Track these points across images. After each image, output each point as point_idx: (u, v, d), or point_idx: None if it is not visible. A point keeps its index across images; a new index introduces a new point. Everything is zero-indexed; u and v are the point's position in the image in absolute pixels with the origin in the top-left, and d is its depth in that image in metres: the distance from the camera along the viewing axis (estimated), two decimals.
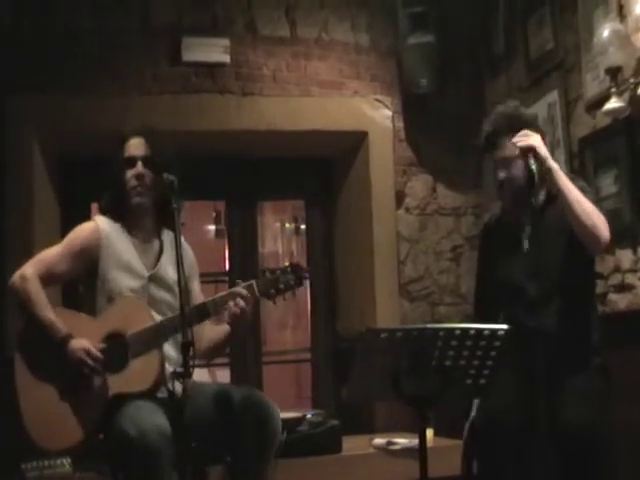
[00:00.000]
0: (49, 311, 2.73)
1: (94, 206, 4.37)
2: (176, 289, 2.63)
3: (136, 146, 2.90)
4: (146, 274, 2.86)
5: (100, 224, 2.89)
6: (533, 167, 2.65)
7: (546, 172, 2.68)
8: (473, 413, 2.94)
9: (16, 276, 2.78)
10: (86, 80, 4.28)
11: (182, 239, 2.97)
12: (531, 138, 2.70)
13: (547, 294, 2.68)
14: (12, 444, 2.96)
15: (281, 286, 2.77)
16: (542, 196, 2.81)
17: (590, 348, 2.81)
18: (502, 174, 2.79)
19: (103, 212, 2.97)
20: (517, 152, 2.72)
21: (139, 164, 2.86)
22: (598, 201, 2.89)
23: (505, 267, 2.87)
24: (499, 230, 2.95)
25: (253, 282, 2.77)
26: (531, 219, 2.69)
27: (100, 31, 4.33)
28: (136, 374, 2.69)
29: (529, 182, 2.69)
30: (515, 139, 2.71)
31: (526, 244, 2.74)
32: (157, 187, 2.81)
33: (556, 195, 2.73)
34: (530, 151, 2.68)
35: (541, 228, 2.69)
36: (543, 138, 2.78)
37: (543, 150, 2.68)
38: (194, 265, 3.05)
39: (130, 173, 2.86)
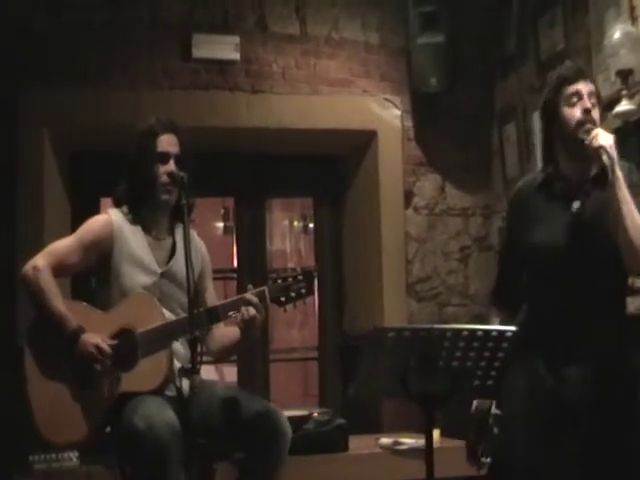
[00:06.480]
0: (60, 303, 2.72)
1: (104, 201, 4.41)
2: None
3: (170, 143, 2.86)
4: (158, 270, 2.85)
5: (113, 217, 2.87)
6: (607, 162, 2.42)
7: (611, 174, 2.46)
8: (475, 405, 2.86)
9: (28, 266, 2.76)
10: (97, 74, 4.29)
11: (197, 237, 2.98)
12: (603, 137, 2.46)
13: (583, 272, 2.57)
14: (21, 436, 2.97)
15: (292, 294, 2.76)
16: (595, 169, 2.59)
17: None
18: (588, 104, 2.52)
19: (117, 204, 2.93)
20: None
21: (172, 162, 2.83)
22: None
23: (544, 230, 2.61)
24: (540, 194, 2.67)
25: (265, 288, 2.74)
26: (583, 194, 2.54)
27: (111, 25, 4.33)
28: (145, 374, 2.69)
29: (602, 176, 2.50)
30: (590, 136, 2.48)
31: (576, 204, 2.56)
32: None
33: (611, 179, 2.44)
34: (600, 149, 2.45)
35: (590, 204, 2.55)
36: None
37: (612, 153, 2.44)
38: (207, 264, 3.02)
39: (162, 169, 2.82)
